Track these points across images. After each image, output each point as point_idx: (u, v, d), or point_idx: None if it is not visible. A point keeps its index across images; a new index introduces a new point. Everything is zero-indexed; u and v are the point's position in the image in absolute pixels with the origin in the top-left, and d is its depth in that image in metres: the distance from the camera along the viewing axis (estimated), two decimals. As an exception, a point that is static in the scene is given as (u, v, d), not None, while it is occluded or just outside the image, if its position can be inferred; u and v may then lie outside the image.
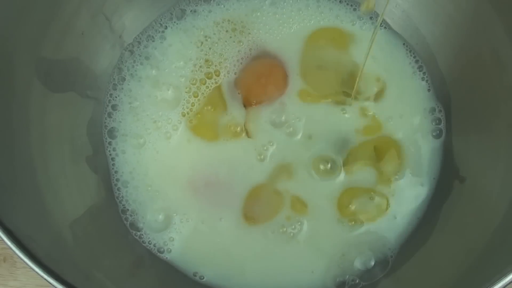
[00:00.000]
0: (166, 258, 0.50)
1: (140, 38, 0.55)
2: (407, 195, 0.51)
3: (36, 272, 0.35)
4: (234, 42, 0.54)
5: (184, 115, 0.52)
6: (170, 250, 0.50)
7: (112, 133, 0.53)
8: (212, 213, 0.51)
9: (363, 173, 0.51)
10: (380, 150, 0.52)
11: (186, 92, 0.53)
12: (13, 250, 0.35)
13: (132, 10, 0.53)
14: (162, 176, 0.52)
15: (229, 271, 0.50)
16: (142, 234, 0.50)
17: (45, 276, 0.34)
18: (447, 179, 0.51)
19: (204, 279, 0.50)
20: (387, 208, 0.50)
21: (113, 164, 0.52)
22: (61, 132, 0.48)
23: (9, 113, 0.42)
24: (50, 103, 0.46)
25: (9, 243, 0.35)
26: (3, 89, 0.41)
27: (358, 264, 0.49)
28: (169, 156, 0.52)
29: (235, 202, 0.51)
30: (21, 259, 0.35)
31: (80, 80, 0.50)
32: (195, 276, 0.50)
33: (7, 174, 0.40)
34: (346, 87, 0.53)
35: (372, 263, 0.49)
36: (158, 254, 0.50)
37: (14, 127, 0.42)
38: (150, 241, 0.50)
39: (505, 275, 0.34)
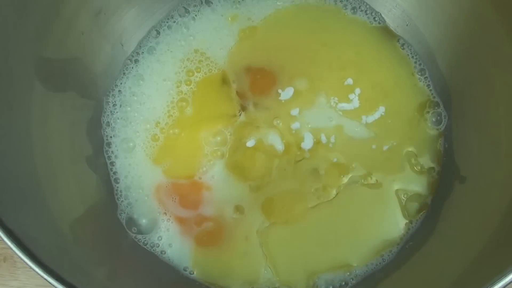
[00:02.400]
0: (159, 254, 0.51)
1: (139, 39, 0.55)
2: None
3: (36, 272, 0.35)
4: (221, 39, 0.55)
5: (170, 117, 0.53)
6: (163, 250, 0.51)
7: (108, 134, 0.53)
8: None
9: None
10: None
11: (170, 94, 0.53)
12: (13, 250, 0.35)
13: (132, 10, 0.53)
14: (151, 179, 0.52)
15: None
16: (137, 234, 0.51)
17: (45, 276, 0.34)
18: (447, 179, 0.51)
19: (193, 275, 0.50)
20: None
21: (111, 167, 0.52)
22: (61, 132, 0.48)
23: (9, 113, 0.42)
24: (51, 103, 0.46)
25: (9, 243, 0.35)
26: (4, 89, 0.41)
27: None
28: (157, 159, 0.53)
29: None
30: (21, 259, 0.35)
31: (80, 80, 0.50)
32: (185, 271, 0.50)
33: (8, 174, 0.40)
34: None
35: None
36: (152, 251, 0.51)
37: (15, 127, 0.42)
38: (145, 241, 0.51)
39: (505, 275, 0.34)
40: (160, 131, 0.53)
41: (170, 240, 0.51)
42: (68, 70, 0.49)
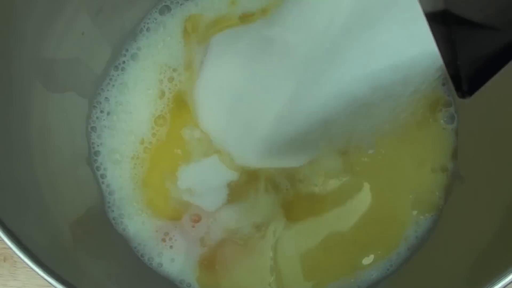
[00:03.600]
0: (156, 268, 0.49)
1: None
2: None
3: (36, 272, 0.35)
4: None
5: (154, 135, 0.50)
6: (159, 261, 0.49)
7: (94, 142, 0.51)
8: None
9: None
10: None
11: (154, 106, 0.51)
12: (13, 250, 0.35)
13: (132, 10, 0.53)
14: (143, 190, 0.50)
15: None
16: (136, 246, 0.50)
17: (45, 276, 0.34)
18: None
19: (190, 287, 0.49)
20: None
21: (103, 180, 0.50)
22: (61, 132, 0.48)
23: (9, 113, 0.42)
24: (50, 103, 0.46)
25: (9, 243, 0.35)
26: (3, 89, 0.41)
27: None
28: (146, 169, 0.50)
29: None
30: (21, 259, 0.35)
31: (80, 80, 0.50)
32: (182, 284, 0.48)
33: (7, 174, 0.40)
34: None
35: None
36: (146, 262, 0.49)
37: (14, 127, 0.42)
38: (143, 253, 0.49)
39: (505, 275, 0.34)
40: (144, 151, 0.50)
41: (173, 256, 0.49)
42: (68, 70, 0.49)
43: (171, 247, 0.49)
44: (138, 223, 0.50)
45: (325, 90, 0.39)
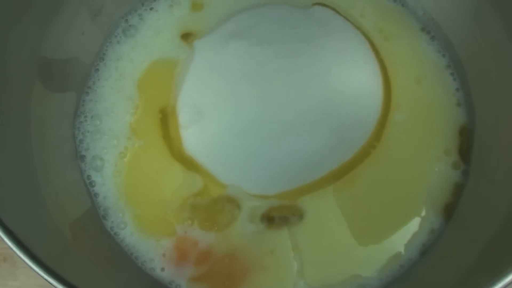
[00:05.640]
0: (144, 267, 0.48)
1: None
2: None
3: (36, 272, 0.35)
4: None
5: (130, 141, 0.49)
6: (152, 268, 0.47)
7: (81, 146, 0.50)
8: None
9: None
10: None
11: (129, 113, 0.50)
12: (13, 250, 0.35)
13: (132, 10, 0.53)
14: (127, 196, 0.49)
15: None
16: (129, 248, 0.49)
17: (45, 276, 0.34)
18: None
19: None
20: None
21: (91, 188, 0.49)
22: (61, 132, 0.48)
23: (9, 113, 0.42)
24: (50, 103, 0.46)
25: (9, 243, 0.35)
26: (3, 89, 0.41)
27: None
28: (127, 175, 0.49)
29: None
30: (21, 259, 0.35)
31: (80, 80, 0.50)
32: (171, 285, 0.47)
33: (8, 174, 0.40)
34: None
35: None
36: (135, 262, 0.48)
37: (14, 127, 0.42)
38: (137, 255, 0.48)
39: (505, 275, 0.34)
40: (124, 148, 0.49)
41: (163, 265, 0.47)
42: (68, 70, 0.49)
43: (163, 255, 0.47)
44: (126, 229, 0.48)
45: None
